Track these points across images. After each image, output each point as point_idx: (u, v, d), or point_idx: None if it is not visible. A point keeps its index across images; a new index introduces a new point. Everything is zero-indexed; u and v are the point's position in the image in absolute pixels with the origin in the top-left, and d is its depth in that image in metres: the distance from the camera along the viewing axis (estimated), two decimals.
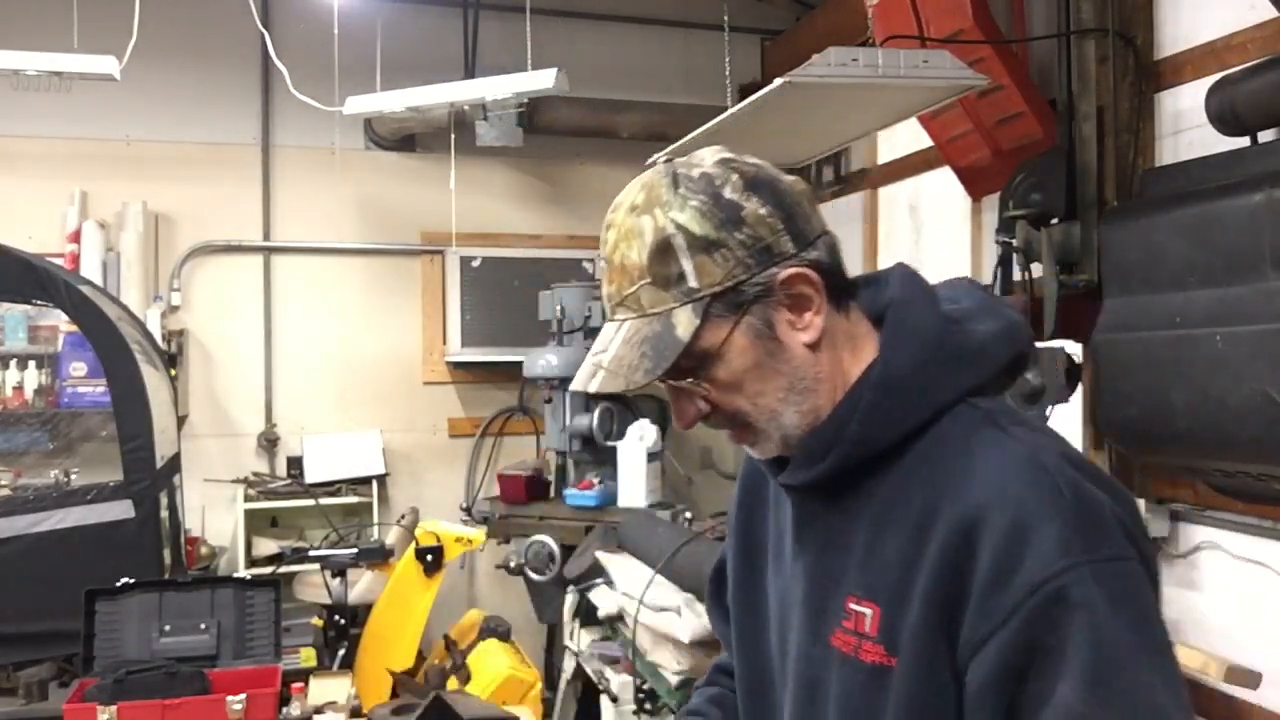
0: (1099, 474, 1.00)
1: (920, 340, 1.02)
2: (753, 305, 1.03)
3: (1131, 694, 0.91)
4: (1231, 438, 2.60)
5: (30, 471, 4.33)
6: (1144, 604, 0.94)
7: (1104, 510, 0.94)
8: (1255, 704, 2.89)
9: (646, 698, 2.83)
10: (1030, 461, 0.96)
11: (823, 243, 1.09)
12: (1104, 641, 0.90)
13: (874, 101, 2.96)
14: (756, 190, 1.06)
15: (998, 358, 1.04)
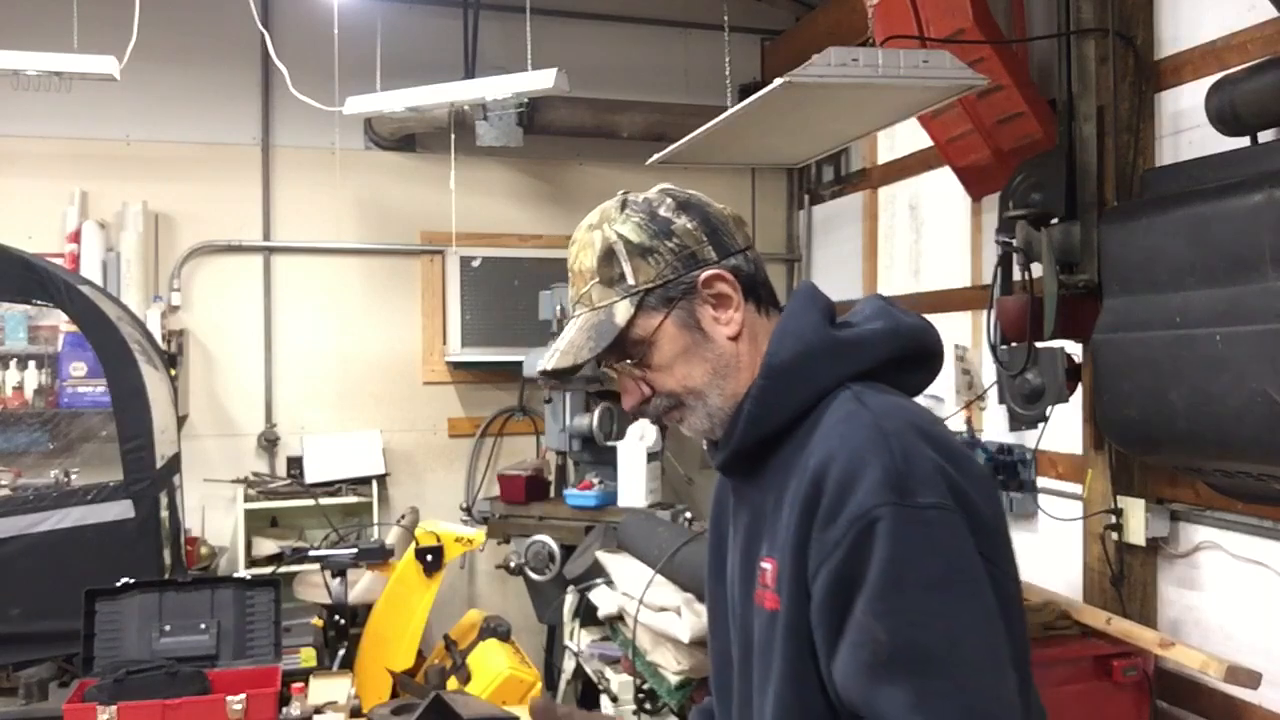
0: (946, 443, 1.14)
1: (798, 337, 1.22)
2: (680, 300, 1.25)
3: (909, 616, 1.04)
4: (1231, 438, 2.60)
5: (30, 471, 4.33)
6: (948, 548, 1.06)
7: (927, 466, 1.09)
8: (1255, 704, 2.89)
9: (646, 698, 2.83)
10: (873, 425, 1.13)
11: (744, 255, 1.28)
12: (898, 570, 1.04)
13: (874, 101, 2.96)
14: (686, 210, 1.28)
15: (875, 350, 1.23)
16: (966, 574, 1.06)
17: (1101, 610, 3.16)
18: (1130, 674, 2.97)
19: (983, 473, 1.16)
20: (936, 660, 1.03)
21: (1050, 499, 3.64)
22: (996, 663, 1.06)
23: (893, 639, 1.04)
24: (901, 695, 1.03)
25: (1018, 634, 1.13)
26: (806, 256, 5.78)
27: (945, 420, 4.05)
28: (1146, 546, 3.19)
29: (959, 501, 1.08)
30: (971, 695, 1.03)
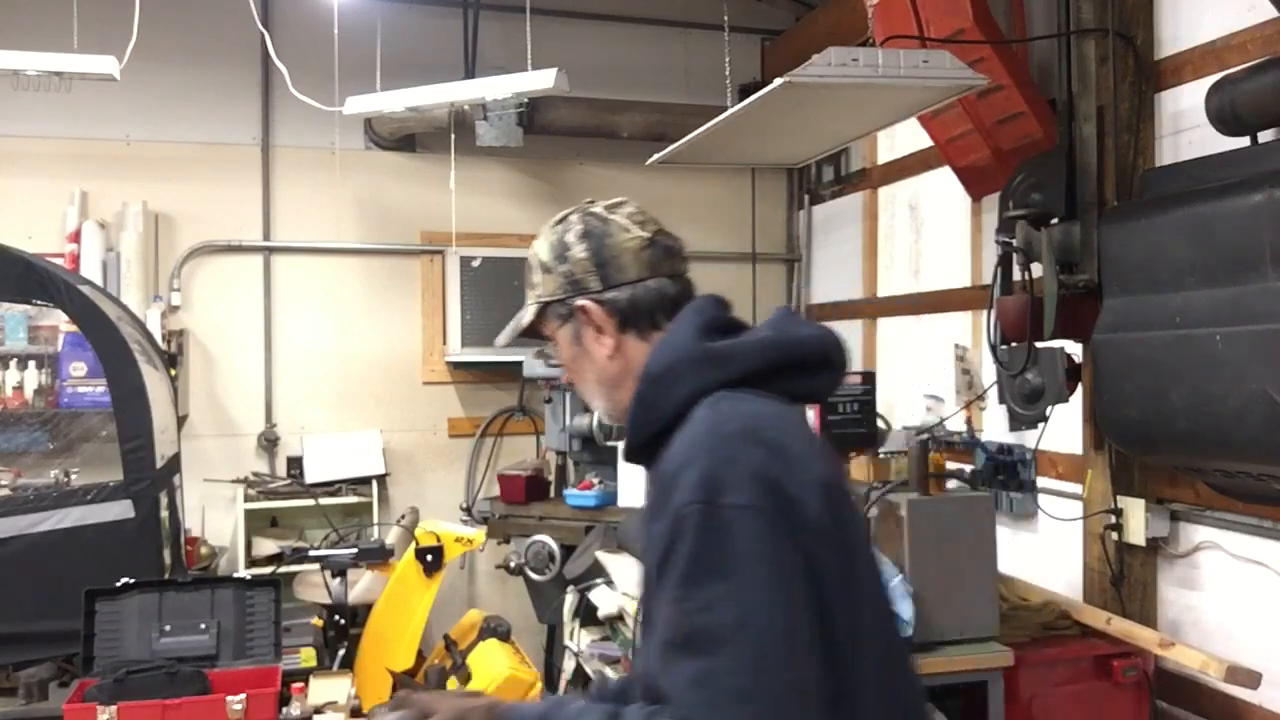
0: (781, 448, 1.23)
1: (671, 349, 1.37)
2: (570, 317, 1.45)
3: (701, 603, 1.15)
4: (1231, 438, 2.60)
5: (30, 471, 4.32)
6: (746, 545, 1.16)
7: (744, 470, 1.19)
8: (1255, 704, 2.89)
9: None
10: (710, 430, 1.25)
11: (634, 286, 1.43)
12: (696, 563, 1.16)
13: (874, 101, 2.96)
14: (585, 239, 1.44)
15: (744, 361, 1.34)
16: (763, 568, 1.15)
17: (1101, 610, 3.16)
18: (1130, 674, 2.97)
19: (822, 478, 1.25)
20: (721, 644, 1.13)
21: (1050, 499, 3.64)
22: (784, 650, 1.14)
23: (686, 623, 1.16)
24: (686, 673, 1.14)
25: (855, 624, 1.23)
26: (806, 256, 5.78)
27: (946, 419, 4.05)
28: (1146, 546, 3.19)
29: (775, 503, 1.18)
30: (749, 677, 1.11)
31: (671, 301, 1.46)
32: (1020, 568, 3.65)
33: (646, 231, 1.47)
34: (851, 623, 1.22)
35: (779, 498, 1.19)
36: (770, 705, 1.12)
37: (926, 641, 2.79)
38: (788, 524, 1.18)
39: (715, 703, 1.12)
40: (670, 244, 1.50)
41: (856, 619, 1.23)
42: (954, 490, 3.09)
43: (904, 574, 2.79)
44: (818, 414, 3.46)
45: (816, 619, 1.18)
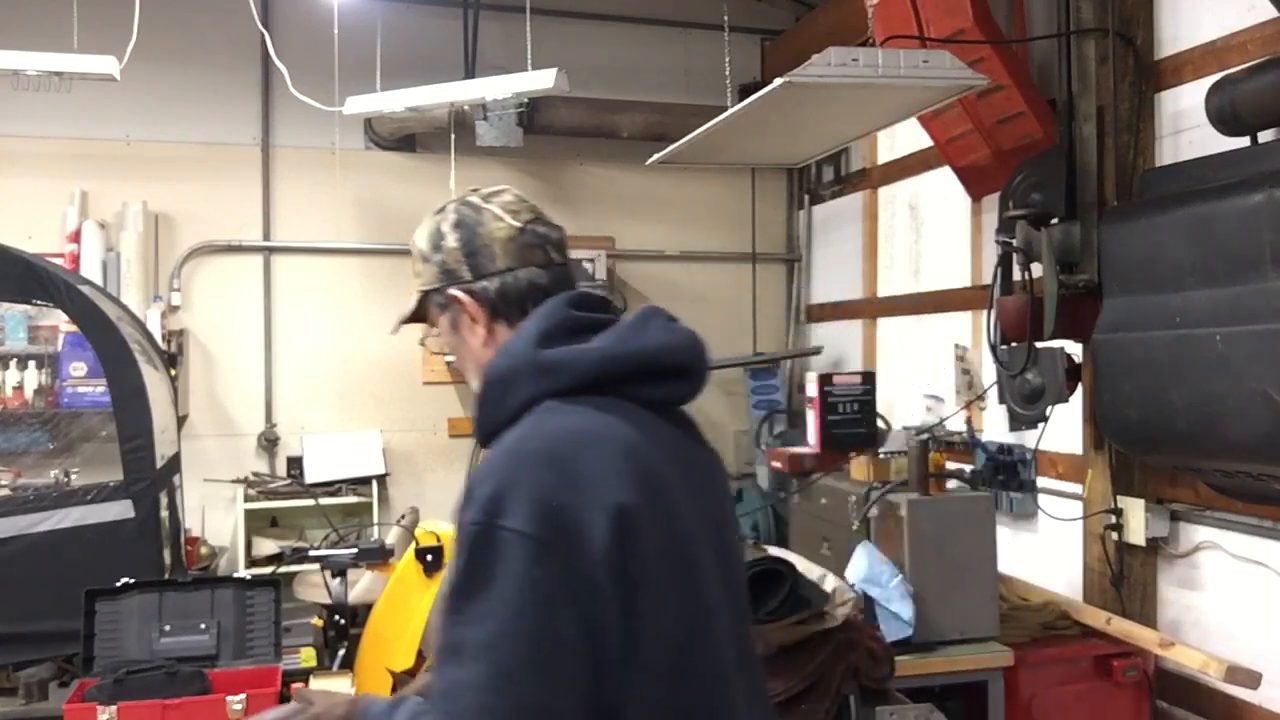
0: (573, 474, 1.24)
1: (508, 355, 1.38)
2: (447, 306, 1.47)
3: (463, 617, 1.21)
4: (1231, 438, 2.60)
5: (30, 471, 4.32)
6: (510, 568, 1.20)
7: (527, 494, 1.22)
8: (1255, 704, 2.89)
9: None
10: (512, 447, 1.29)
11: (503, 276, 1.44)
12: (466, 578, 1.22)
13: (874, 101, 2.96)
14: (458, 229, 1.46)
15: (576, 372, 1.33)
16: (524, 593, 1.19)
17: (1101, 610, 3.16)
18: (1130, 674, 2.97)
19: (618, 505, 1.23)
20: (471, 659, 1.19)
21: (1050, 499, 3.64)
22: (528, 674, 1.18)
23: (449, 634, 1.22)
24: (442, 681, 1.22)
25: (634, 654, 1.23)
26: (806, 256, 5.78)
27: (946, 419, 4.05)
28: (1146, 546, 3.19)
29: (551, 530, 1.20)
30: (489, 696, 1.18)
31: (544, 291, 1.45)
32: (1020, 568, 3.65)
33: (519, 221, 1.46)
34: (630, 653, 1.22)
35: (558, 525, 1.21)
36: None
37: (926, 641, 2.79)
38: (562, 551, 1.20)
39: (457, 713, 1.19)
40: (544, 232, 1.47)
41: (638, 648, 1.23)
42: (954, 490, 3.09)
43: (904, 574, 2.79)
44: (817, 414, 3.46)
45: (585, 645, 1.20)
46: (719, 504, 1.48)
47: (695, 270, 5.72)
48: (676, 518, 1.32)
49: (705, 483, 1.45)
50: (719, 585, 1.36)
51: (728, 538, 1.45)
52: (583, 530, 1.22)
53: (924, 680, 2.73)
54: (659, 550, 1.27)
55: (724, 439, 5.71)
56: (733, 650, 1.36)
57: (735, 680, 1.36)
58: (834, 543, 3.14)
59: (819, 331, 5.65)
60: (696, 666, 1.30)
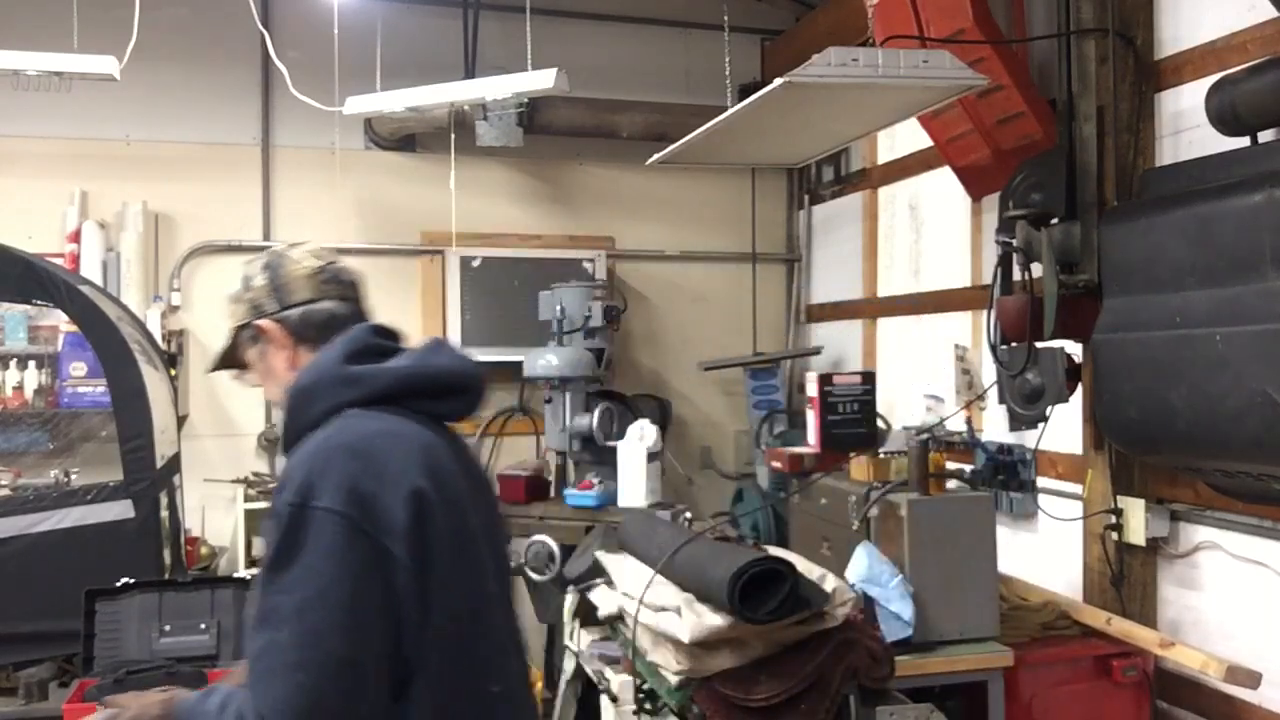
0: (377, 463, 1.45)
1: (315, 369, 1.59)
2: (256, 339, 1.69)
3: (277, 587, 1.38)
4: (1231, 438, 2.60)
5: (30, 471, 4.32)
6: (322, 542, 1.38)
7: (335, 479, 1.41)
8: (1255, 704, 2.89)
9: (646, 698, 2.83)
10: (321, 443, 1.48)
11: (304, 306, 1.67)
12: (280, 554, 1.39)
13: (874, 101, 2.96)
14: (265, 270, 1.71)
15: (376, 385, 1.55)
16: (332, 563, 1.37)
17: (1101, 610, 3.16)
18: (1130, 674, 2.97)
19: (416, 490, 1.45)
20: (285, 622, 1.36)
21: (1050, 499, 3.64)
22: (336, 631, 1.36)
23: (264, 603, 1.39)
24: (256, 644, 1.38)
25: (426, 619, 1.43)
26: (806, 256, 5.78)
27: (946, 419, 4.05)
28: (1146, 546, 3.19)
29: (359, 509, 1.40)
30: (301, 652, 1.34)
31: (342, 321, 1.67)
32: (1020, 568, 3.65)
33: (320, 261, 1.72)
34: (423, 618, 1.43)
35: (364, 506, 1.41)
36: (316, 674, 1.34)
37: (926, 641, 2.79)
38: (368, 527, 1.40)
39: (273, 670, 1.35)
40: (341, 273, 1.73)
41: (430, 614, 1.44)
42: (954, 490, 3.09)
43: (904, 574, 2.79)
44: (817, 414, 3.46)
45: (386, 609, 1.40)
46: (493, 511, 1.71)
47: (695, 270, 5.72)
48: (464, 510, 1.54)
49: (483, 490, 1.69)
50: (495, 577, 1.60)
51: (499, 541, 1.70)
52: (386, 511, 1.42)
53: (924, 680, 2.73)
54: (449, 534, 1.48)
55: (724, 439, 5.72)
56: (509, 635, 1.63)
57: (513, 657, 1.63)
58: (834, 543, 3.14)
59: (819, 331, 5.65)
60: (480, 635, 1.53)
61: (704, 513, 4.87)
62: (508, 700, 1.58)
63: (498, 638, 1.58)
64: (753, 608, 2.41)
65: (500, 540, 1.71)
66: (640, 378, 5.58)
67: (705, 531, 3.07)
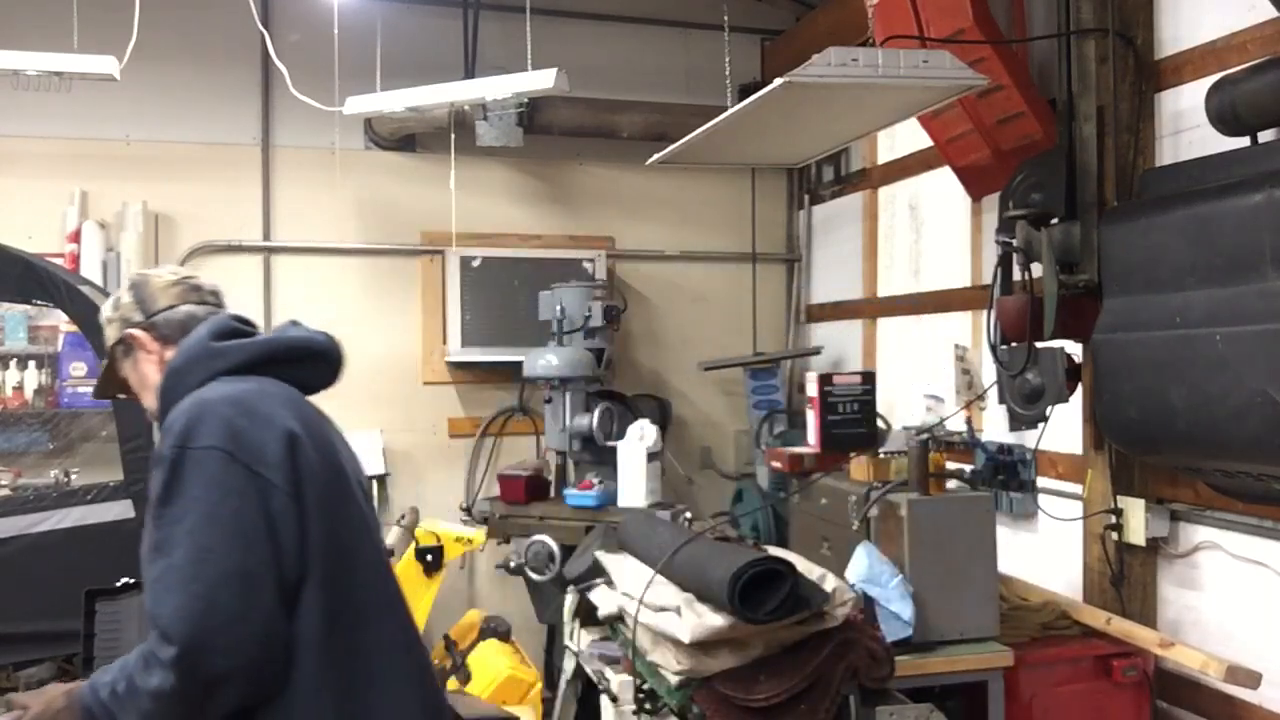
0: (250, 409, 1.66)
1: (184, 350, 1.80)
2: (131, 351, 1.90)
3: (168, 518, 1.56)
4: (1231, 438, 2.60)
5: (30, 471, 4.32)
6: (207, 475, 1.56)
7: (214, 422, 1.61)
8: (1255, 704, 2.89)
9: (646, 698, 2.83)
10: (196, 399, 1.67)
11: (166, 312, 1.89)
12: (167, 489, 1.57)
13: (874, 101, 2.96)
14: (131, 290, 1.93)
15: (237, 356, 1.77)
16: (215, 491, 1.55)
17: (1101, 610, 3.16)
18: (1130, 674, 2.97)
19: (287, 430, 1.66)
20: (176, 546, 1.52)
21: (1050, 499, 3.64)
22: (224, 547, 1.53)
23: (155, 535, 1.55)
24: (153, 572, 1.54)
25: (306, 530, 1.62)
26: (806, 256, 5.78)
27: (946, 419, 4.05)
28: (1146, 546, 3.19)
29: (235, 443, 1.59)
30: (194, 568, 1.51)
31: (201, 320, 1.88)
32: (1020, 568, 3.65)
33: (178, 275, 1.95)
34: (302, 540, 1.61)
35: (240, 440, 1.60)
36: (209, 584, 1.50)
37: (926, 641, 2.79)
38: (244, 458, 1.59)
39: (169, 588, 1.51)
40: (198, 283, 1.96)
41: (309, 537, 1.62)
42: (954, 490, 3.09)
43: (904, 574, 2.79)
44: (817, 414, 3.46)
45: (268, 529, 1.57)
46: (359, 475, 1.90)
47: (695, 270, 5.72)
48: (334, 452, 1.76)
49: (348, 450, 1.90)
50: (367, 518, 1.80)
51: (365, 491, 1.87)
52: (261, 445, 1.61)
53: (924, 680, 2.73)
54: (320, 469, 1.67)
55: (724, 439, 5.72)
56: (384, 566, 1.82)
57: (389, 582, 1.81)
58: (834, 543, 3.14)
59: (819, 331, 5.65)
60: (356, 552, 1.71)
61: (704, 513, 4.87)
62: (388, 608, 1.77)
63: (371, 557, 1.78)
64: (753, 608, 2.41)
65: (368, 503, 1.87)
66: (640, 378, 5.58)
67: (705, 531, 3.07)
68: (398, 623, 1.78)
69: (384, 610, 1.75)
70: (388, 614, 1.76)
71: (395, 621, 1.78)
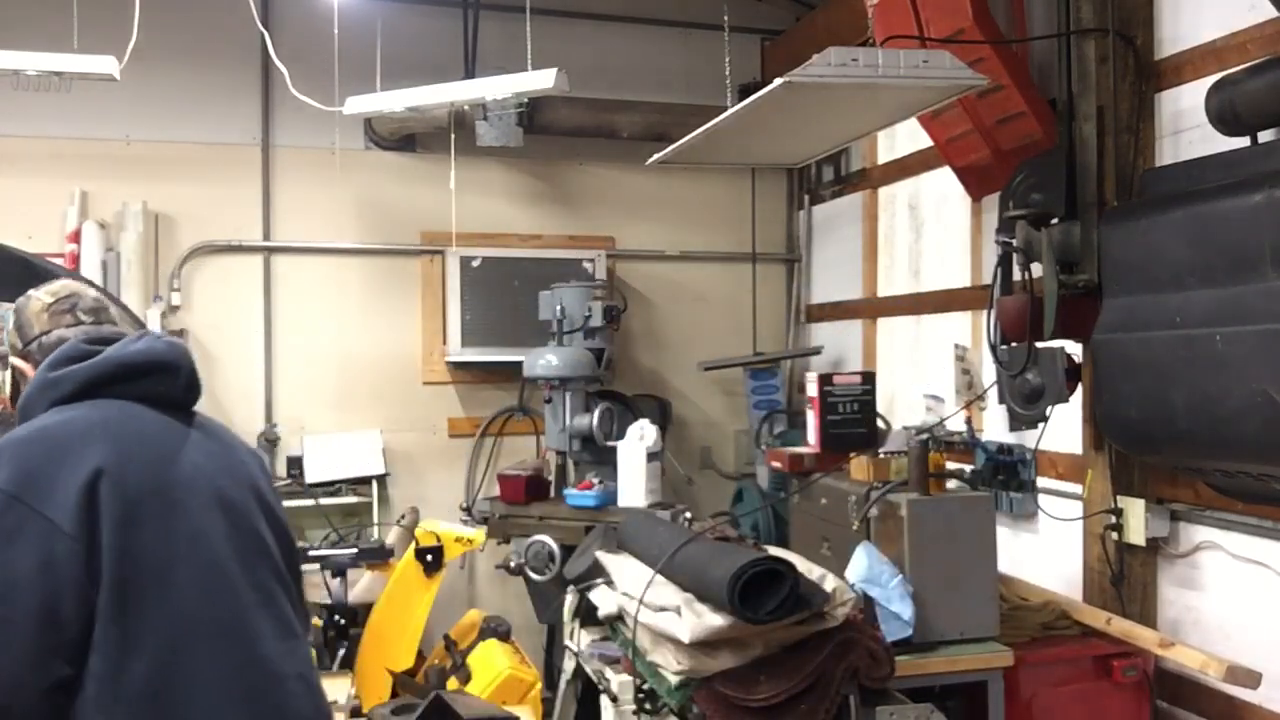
0: (55, 447, 1.57)
1: (29, 385, 1.76)
2: (18, 379, 1.86)
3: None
4: (1231, 438, 2.60)
5: None
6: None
7: (15, 463, 1.54)
8: (1255, 704, 2.89)
9: (646, 698, 2.83)
10: (12, 435, 1.62)
11: (38, 340, 1.84)
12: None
13: (874, 101, 2.96)
14: (14, 314, 1.89)
15: (70, 384, 1.69)
16: (1, 536, 1.49)
17: (1101, 610, 3.16)
18: (1130, 674, 2.97)
19: (94, 471, 1.55)
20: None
21: (1050, 499, 3.64)
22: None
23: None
24: None
25: (113, 567, 1.52)
26: (806, 256, 5.78)
27: (946, 419, 4.05)
28: (1146, 546, 3.19)
29: (25, 486, 1.52)
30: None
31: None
32: (1020, 568, 3.65)
33: (53, 297, 1.88)
34: (92, 569, 1.51)
35: (30, 481, 1.53)
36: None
37: (926, 641, 2.79)
38: (30, 499, 1.51)
39: None
40: (75, 303, 1.87)
41: (96, 582, 1.51)
42: (954, 490, 3.09)
43: (904, 574, 2.79)
44: (817, 414, 3.46)
45: (45, 574, 1.48)
46: (234, 475, 1.76)
47: (695, 270, 5.72)
48: (168, 471, 1.64)
49: (219, 459, 1.75)
50: (206, 537, 1.63)
51: (242, 498, 1.73)
52: (51, 485, 1.53)
53: (924, 680, 2.73)
54: (134, 495, 1.57)
55: (724, 439, 5.72)
56: (218, 589, 1.62)
57: (247, 597, 1.64)
58: (834, 543, 3.14)
59: (819, 331, 5.65)
60: (171, 585, 1.57)
61: (704, 513, 4.86)
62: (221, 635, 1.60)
63: (197, 578, 1.61)
64: (753, 608, 2.41)
65: (243, 495, 1.74)
66: (640, 378, 5.58)
67: (705, 531, 3.07)
68: (231, 648, 1.61)
69: (212, 637, 1.59)
70: (218, 640, 1.59)
71: (227, 647, 1.60)
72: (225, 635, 1.60)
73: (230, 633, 1.61)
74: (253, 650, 1.63)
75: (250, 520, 1.73)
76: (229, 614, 1.63)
